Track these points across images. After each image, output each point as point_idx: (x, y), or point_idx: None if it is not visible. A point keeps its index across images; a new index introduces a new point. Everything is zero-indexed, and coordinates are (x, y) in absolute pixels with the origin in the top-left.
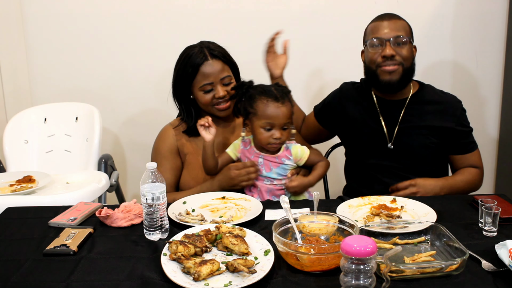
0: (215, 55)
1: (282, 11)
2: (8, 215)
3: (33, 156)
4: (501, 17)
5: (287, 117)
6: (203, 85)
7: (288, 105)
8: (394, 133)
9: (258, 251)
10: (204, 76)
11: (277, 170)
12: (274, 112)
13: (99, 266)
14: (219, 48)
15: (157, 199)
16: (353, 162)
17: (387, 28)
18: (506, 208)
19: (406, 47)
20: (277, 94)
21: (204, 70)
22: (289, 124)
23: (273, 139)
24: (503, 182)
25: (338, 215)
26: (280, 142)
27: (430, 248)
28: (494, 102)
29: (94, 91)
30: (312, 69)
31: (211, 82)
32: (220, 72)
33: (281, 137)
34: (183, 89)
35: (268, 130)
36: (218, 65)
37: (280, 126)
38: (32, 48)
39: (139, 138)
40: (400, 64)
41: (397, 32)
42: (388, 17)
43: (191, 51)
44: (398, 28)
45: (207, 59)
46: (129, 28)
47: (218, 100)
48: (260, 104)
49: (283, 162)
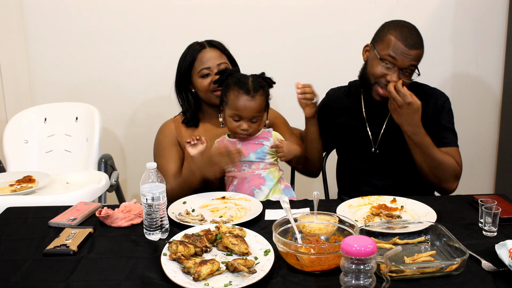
0: (212, 45)
1: (282, 11)
2: (8, 215)
3: (33, 156)
4: (501, 17)
5: (256, 110)
6: (200, 69)
7: (260, 99)
8: (379, 137)
9: (258, 251)
10: (201, 62)
11: (255, 154)
12: (242, 105)
13: (99, 266)
14: (219, 42)
15: (157, 199)
16: (342, 166)
17: (409, 57)
18: (506, 208)
19: (412, 77)
20: (250, 87)
21: (201, 56)
22: (258, 117)
23: (240, 130)
24: (503, 182)
25: (338, 215)
26: (247, 133)
27: (430, 248)
28: (494, 102)
29: (94, 91)
30: (313, 69)
31: (208, 66)
32: (217, 59)
33: (248, 129)
34: (184, 80)
35: (236, 121)
36: (215, 52)
37: (248, 119)
38: (32, 48)
39: (139, 138)
40: None
41: (413, 62)
42: (413, 43)
43: (191, 44)
44: (416, 58)
45: (205, 47)
46: (129, 28)
47: (215, 86)
48: (231, 94)
49: (262, 143)
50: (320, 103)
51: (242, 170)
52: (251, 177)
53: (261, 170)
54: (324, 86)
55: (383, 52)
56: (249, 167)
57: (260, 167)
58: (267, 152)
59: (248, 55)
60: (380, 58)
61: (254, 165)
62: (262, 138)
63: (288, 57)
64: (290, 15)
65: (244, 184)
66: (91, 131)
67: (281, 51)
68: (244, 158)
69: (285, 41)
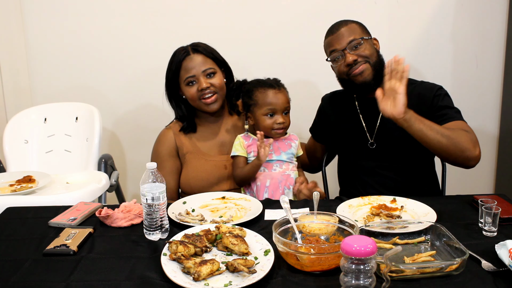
0: (197, 50)
1: (281, 11)
2: (8, 215)
3: (33, 156)
4: (501, 17)
5: (286, 101)
6: (186, 78)
7: (285, 91)
8: (374, 132)
9: (258, 251)
10: (186, 70)
11: (286, 154)
12: (273, 98)
13: (99, 266)
14: (204, 45)
15: (157, 199)
16: (342, 164)
17: (339, 38)
18: (506, 208)
19: (363, 46)
20: (272, 82)
21: (186, 64)
22: (288, 109)
23: (276, 124)
24: (503, 182)
25: (338, 215)
26: (283, 126)
27: (430, 248)
28: (494, 102)
29: (94, 91)
30: (313, 70)
31: (193, 75)
32: (202, 65)
33: (284, 121)
34: (172, 88)
35: (271, 116)
36: (199, 58)
37: (281, 111)
38: (32, 48)
39: (139, 138)
40: (365, 62)
41: (348, 38)
42: (336, 28)
43: (176, 50)
44: (348, 33)
45: (189, 54)
46: (129, 28)
47: (203, 93)
48: (258, 94)
49: (291, 145)
50: (318, 110)
51: (273, 170)
52: (282, 176)
53: (291, 171)
54: (324, 86)
55: (329, 54)
56: (280, 167)
57: (290, 167)
58: (293, 154)
59: (248, 55)
60: (332, 60)
61: (284, 165)
62: (289, 140)
63: (287, 58)
64: (289, 15)
65: (277, 184)
66: (91, 131)
67: (279, 52)
68: (275, 157)
69: (284, 42)
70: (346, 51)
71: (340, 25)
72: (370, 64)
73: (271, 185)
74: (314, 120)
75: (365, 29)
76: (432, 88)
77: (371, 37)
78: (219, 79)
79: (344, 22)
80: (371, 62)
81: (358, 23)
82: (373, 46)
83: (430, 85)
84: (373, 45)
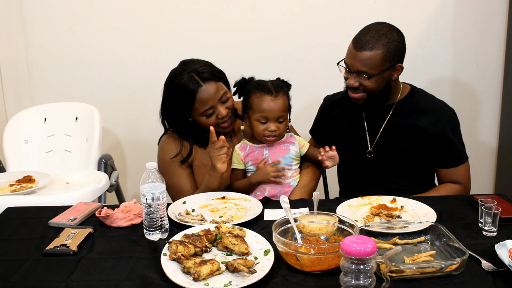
0: (206, 78)
1: (281, 11)
2: (8, 215)
3: (33, 156)
4: (501, 17)
5: (281, 110)
6: (204, 111)
7: (283, 98)
8: (374, 141)
9: (258, 251)
10: (203, 103)
11: (284, 160)
12: (268, 105)
13: (99, 266)
14: (205, 67)
15: (157, 199)
16: (341, 168)
17: (355, 59)
18: (506, 208)
19: (370, 80)
20: (271, 88)
21: (201, 97)
22: (284, 117)
23: (268, 131)
24: (503, 182)
25: (338, 215)
26: (275, 134)
27: (430, 248)
28: (494, 102)
29: (94, 91)
30: (312, 70)
31: (210, 106)
32: (216, 93)
33: (276, 129)
34: (180, 117)
35: (263, 123)
36: (212, 87)
37: (274, 119)
38: (32, 48)
39: (139, 138)
40: (364, 92)
41: (361, 67)
42: (360, 46)
43: (181, 80)
44: (364, 62)
45: (200, 85)
46: (129, 28)
47: (222, 120)
48: (254, 98)
49: (289, 148)
50: (318, 110)
51: None
52: (281, 187)
53: (290, 179)
54: (323, 86)
55: (345, 58)
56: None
57: (289, 175)
58: (293, 158)
59: (248, 56)
60: (342, 66)
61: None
62: (288, 142)
63: (287, 58)
64: (290, 16)
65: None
66: (91, 131)
67: (280, 52)
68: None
69: (284, 42)
70: (353, 75)
71: (366, 45)
72: (368, 95)
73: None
74: (315, 121)
75: (388, 58)
76: (449, 110)
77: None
78: (231, 98)
79: (370, 45)
80: (370, 93)
81: (385, 50)
82: (383, 79)
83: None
84: (383, 79)
